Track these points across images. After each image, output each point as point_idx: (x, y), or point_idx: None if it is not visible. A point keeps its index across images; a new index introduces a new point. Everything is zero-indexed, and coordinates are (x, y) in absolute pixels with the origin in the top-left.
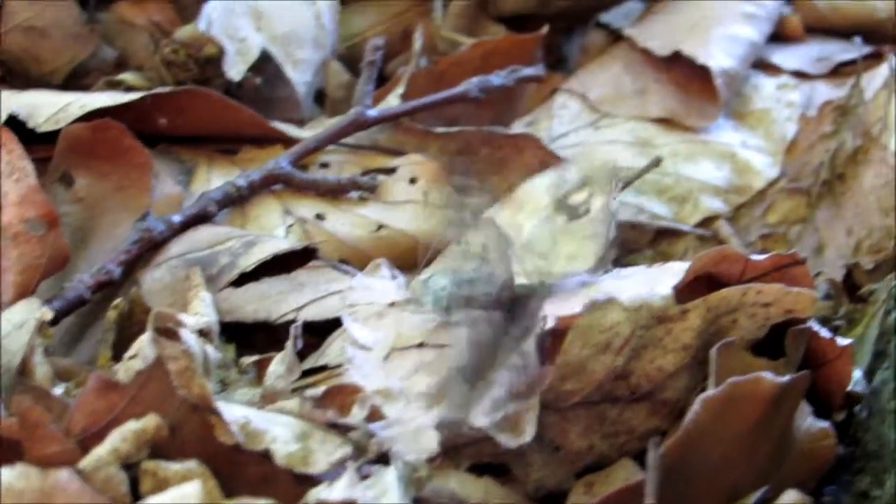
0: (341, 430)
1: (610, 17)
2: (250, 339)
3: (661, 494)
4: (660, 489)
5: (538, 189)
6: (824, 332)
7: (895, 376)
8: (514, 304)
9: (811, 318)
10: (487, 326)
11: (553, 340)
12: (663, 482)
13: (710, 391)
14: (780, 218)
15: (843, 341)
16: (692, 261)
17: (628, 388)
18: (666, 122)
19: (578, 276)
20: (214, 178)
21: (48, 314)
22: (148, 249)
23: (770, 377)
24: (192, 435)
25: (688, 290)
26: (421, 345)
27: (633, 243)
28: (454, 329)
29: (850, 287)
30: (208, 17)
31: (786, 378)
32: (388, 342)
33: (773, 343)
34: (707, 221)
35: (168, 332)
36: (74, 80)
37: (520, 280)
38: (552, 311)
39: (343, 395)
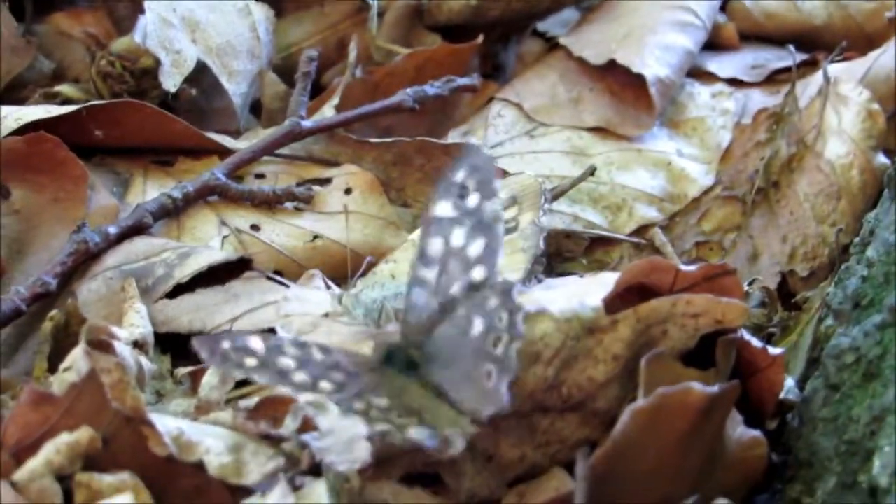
0: (274, 441)
1: (546, 25)
2: (185, 349)
3: None
4: (590, 499)
5: None
6: (756, 342)
7: (826, 384)
8: None
9: (741, 328)
10: None
11: None
12: (593, 492)
13: (640, 402)
14: (715, 226)
15: (774, 350)
16: (623, 272)
17: (559, 399)
18: (601, 131)
19: None
20: (150, 190)
21: None
22: (84, 261)
23: (699, 387)
24: (125, 447)
25: (619, 301)
26: None
27: (568, 252)
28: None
29: (785, 295)
30: (144, 28)
31: (715, 388)
32: None
33: (704, 353)
34: (642, 230)
35: (102, 345)
36: (11, 93)
37: None
38: None
39: (276, 407)
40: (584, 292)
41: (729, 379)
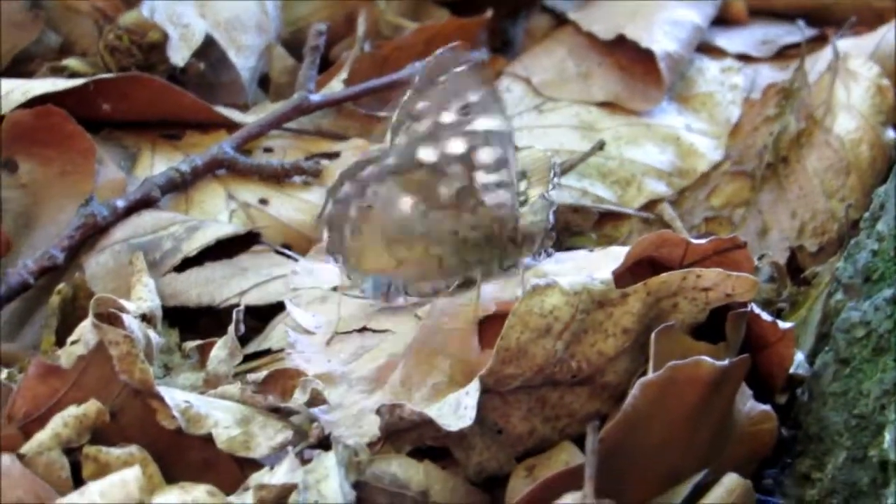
0: (283, 414)
1: (555, 0)
2: (194, 323)
3: (600, 478)
4: (599, 472)
5: None
6: (766, 316)
7: (836, 359)
8: None
9: (751, 301)
10: None
11: (494, 324)
12: (603, 466)
13: (650, 375)
14: (724, 201)
15: (784, 325)
16: (632, 245)
17: (569, 372)
18: (610, 106)
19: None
20: (158, 164)
21: None
22: (91, 234)
23: (709, 361)
24: (133, 420)
25: (630, 274)
26: (363, 329)
27: (577, 226)
28: None
29: (794, 270)
30: (152, 3)
31: (725, 362)
32: (330, 326)
33: (714, 327)
34: (651, 204)
35: (110, 318)
36: (18, 66)
37: None
38: (492, 296)
39: (285, 380)
40: (594, 266)
41: (739, 353)
